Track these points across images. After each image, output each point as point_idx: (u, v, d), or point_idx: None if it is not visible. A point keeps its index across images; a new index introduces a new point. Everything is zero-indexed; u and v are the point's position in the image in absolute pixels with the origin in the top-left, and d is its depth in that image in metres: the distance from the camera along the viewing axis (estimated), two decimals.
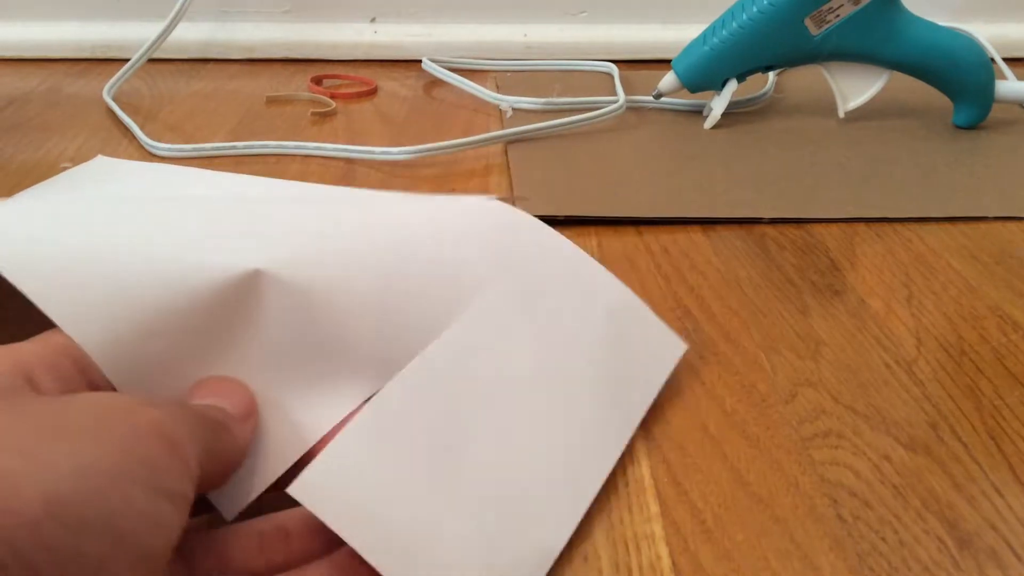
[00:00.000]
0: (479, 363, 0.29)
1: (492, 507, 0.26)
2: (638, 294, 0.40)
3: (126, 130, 0.60)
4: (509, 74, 0.75)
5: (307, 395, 0.27)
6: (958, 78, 0.60)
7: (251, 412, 0.25)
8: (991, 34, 0.66)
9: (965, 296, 0.41)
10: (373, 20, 0.80)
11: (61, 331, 0.24)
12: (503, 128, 0.60)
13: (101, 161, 0.52)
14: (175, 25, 0.68)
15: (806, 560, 0.26)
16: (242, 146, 0.56)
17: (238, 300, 0.27)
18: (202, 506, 0.24)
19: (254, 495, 0.25)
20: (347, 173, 0.53)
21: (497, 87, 0.69)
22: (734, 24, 0.59)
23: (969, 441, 0.31)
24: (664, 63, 0.65)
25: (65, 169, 0.53)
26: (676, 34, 0.76)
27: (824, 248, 0.45)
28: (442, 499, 0.25)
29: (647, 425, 0.32)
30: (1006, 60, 0.65)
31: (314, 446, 0.26)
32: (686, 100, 0.65)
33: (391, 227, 0.38)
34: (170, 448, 0.19)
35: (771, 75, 0.68)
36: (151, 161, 0.55)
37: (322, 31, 0.79)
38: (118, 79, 0.67)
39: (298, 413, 0.26)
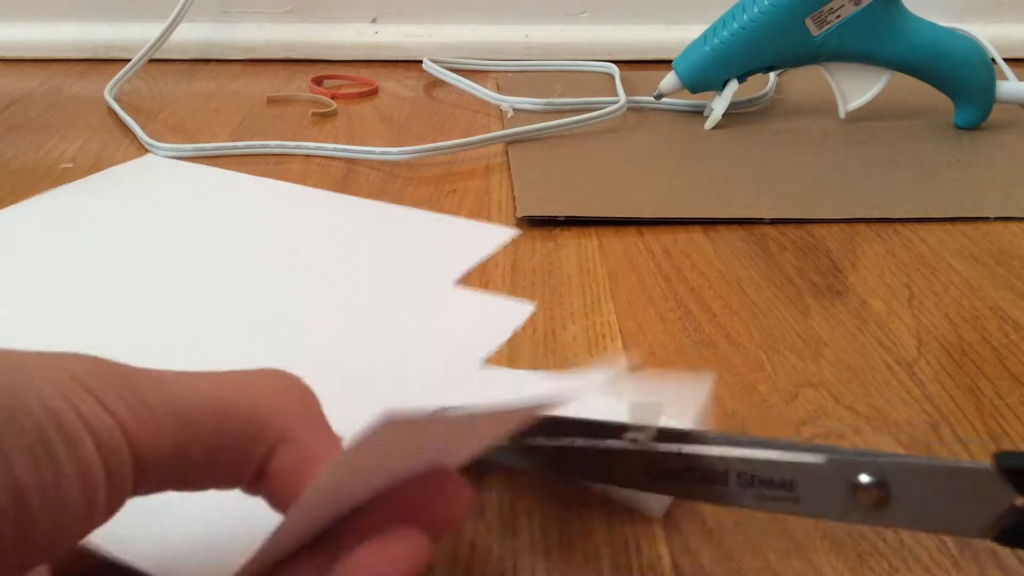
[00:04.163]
0: None
1: None
2: (639, 294, 0.40)
3: (127, 130, 0.60)
4: (510, 74, 0.75)
5: None
6: (959, 78, 0.60)
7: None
8: (991, 34, 0.66)
9: (966, 296, 0.41)
10: (374, 21, 0.80)
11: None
12: (504, 128, 0.60)
13: (149, 161, 0.54)
14: (176, 25, 0.68)
15: (807, 560, 0.26)
16: (243, 146, 0.56)
17: None
18: None
19: None
20: (347, 173, 0.53)
21: (498, 87, 0.70)
22: (735, 24, 0.59)
23: (970, 441, 0.31)
24: (665, 63, 0.65)
25: (66, 170, 0.53)
26: (677, 34, 0.76)
27: (825, 248, 0.45)
28: None
29: None
30: (1006, 60, 0.65)
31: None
32: (687, 100, 0.65)
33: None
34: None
35: (772, 75, 0.68)
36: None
37: (323, 31, 0.79)
38: (119, 79, 0.67)
39: None
